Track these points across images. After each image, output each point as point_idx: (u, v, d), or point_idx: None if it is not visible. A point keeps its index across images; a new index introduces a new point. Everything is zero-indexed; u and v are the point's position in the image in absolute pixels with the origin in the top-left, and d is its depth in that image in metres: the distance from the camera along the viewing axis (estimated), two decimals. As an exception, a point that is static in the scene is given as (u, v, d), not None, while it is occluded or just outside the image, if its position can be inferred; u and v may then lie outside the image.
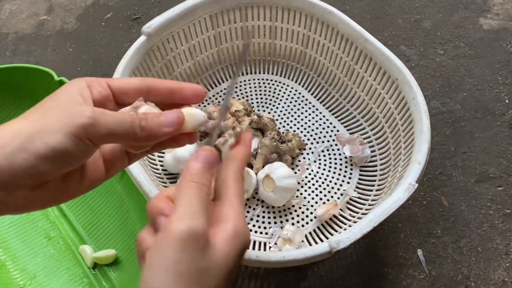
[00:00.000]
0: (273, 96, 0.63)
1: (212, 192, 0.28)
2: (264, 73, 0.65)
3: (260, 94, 0.63)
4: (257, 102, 0.62)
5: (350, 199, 0.53)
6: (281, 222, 0.52)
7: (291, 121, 0.60)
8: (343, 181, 0.55)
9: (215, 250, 0.24)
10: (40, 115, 0.25)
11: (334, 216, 0.51)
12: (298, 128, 0.59)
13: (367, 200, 0.52)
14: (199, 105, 0.60)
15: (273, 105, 0.62)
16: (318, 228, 0.51)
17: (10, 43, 0.74)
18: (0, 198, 0.24)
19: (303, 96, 0.62)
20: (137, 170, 0.44)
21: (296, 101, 0.62)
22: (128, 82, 0.29)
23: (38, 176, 0.24)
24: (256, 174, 0.53)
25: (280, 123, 0.60)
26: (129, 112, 0.27)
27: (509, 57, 0.67)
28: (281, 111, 0.61)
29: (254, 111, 0.61)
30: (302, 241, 0.50)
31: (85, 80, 0.28)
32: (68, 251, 0.52)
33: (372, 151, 0.56)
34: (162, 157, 0.55)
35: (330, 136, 0.59)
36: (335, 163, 0.56)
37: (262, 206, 0.53)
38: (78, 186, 0.28)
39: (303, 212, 0.53)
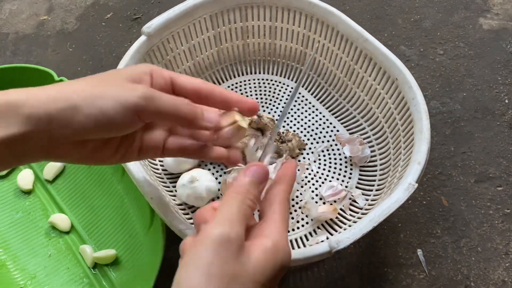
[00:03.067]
0: (273, 96, 0.63)
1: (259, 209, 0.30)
2: (264, 73, 0.65)
3: (260, 94, 0.63)
4: (257, 102, 0.62)
5: (350, 199, 0.53)
6: (281, 222, 0.52)
7: (291, 121, 0.60)
8: (343, 181, 0.55)
9: (250, 260, 0.25)
10: (101, 83, 0.28)
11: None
12: (298, 128, 0.60)
13: (367, 200, 0.52)
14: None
15: (273, 105, 0.62)
16: (318, 228, 0.51)
17: (10, 43, 0.74)
18: (45, 148, 0.27)
19: (303, 96, 0.62)
20: (137, 170, 0.44)
21: (296, 101, 0.62)
22: (191, 82, 0.32)
23: (84, 135, 0.27)
24: (256, 174, 0.53)
25: (280, 123, 0.60)
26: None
27: (509, 57, 0.67)
28: (281, 111, 0.61)
29: (254, 111, 0.61)
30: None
31: (149, 68, 0.31)
32: (68, 251, 0.52)
33: (372, 151, 0.56)
34: (162, 157, 0.55)
35: (330, 136, 0.59)
36: (335, 163, 0.56)
37: (262, 206, 0.53)
38: (112, 154, 0.30)
39: (302, 212, 0.53)
